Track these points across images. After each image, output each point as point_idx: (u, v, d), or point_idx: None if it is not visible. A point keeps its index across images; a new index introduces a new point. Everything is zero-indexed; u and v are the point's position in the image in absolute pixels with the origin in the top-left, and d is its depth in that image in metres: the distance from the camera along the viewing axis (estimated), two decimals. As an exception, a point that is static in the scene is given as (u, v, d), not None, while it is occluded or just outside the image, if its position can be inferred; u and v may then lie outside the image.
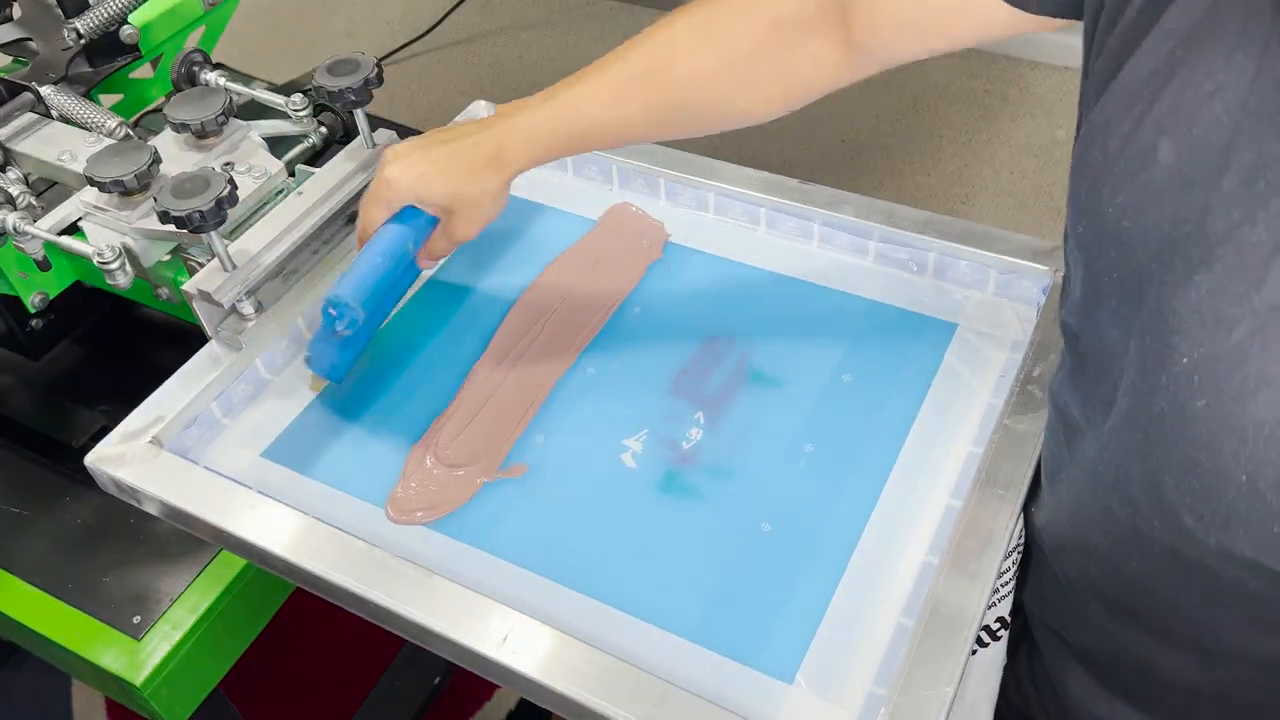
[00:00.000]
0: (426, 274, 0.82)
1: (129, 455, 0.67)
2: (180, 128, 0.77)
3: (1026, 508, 0.61)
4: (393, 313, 0.77)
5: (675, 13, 0.64)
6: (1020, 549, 0.73)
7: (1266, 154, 0.40)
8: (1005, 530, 0.59)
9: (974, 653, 0.57)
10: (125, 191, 0.71)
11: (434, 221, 0.68)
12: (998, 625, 0.66)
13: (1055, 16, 0.55)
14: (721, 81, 0.63)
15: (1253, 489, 0.40)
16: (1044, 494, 0.60)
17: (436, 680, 1.24)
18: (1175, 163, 0.42)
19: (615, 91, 0.64)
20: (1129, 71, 0.44)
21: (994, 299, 0.75)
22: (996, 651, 0.65)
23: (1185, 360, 0.41)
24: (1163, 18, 0.43)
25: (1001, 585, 0.68)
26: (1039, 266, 0.73)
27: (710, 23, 0.63)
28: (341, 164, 0.78)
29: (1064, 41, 2.20)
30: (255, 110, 0.85)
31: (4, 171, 0.78)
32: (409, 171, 0.65)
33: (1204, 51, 0.42)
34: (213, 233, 0.67)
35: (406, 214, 0.67)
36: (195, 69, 0.85)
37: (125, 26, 0.84)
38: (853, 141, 2.11)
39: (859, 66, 0.62)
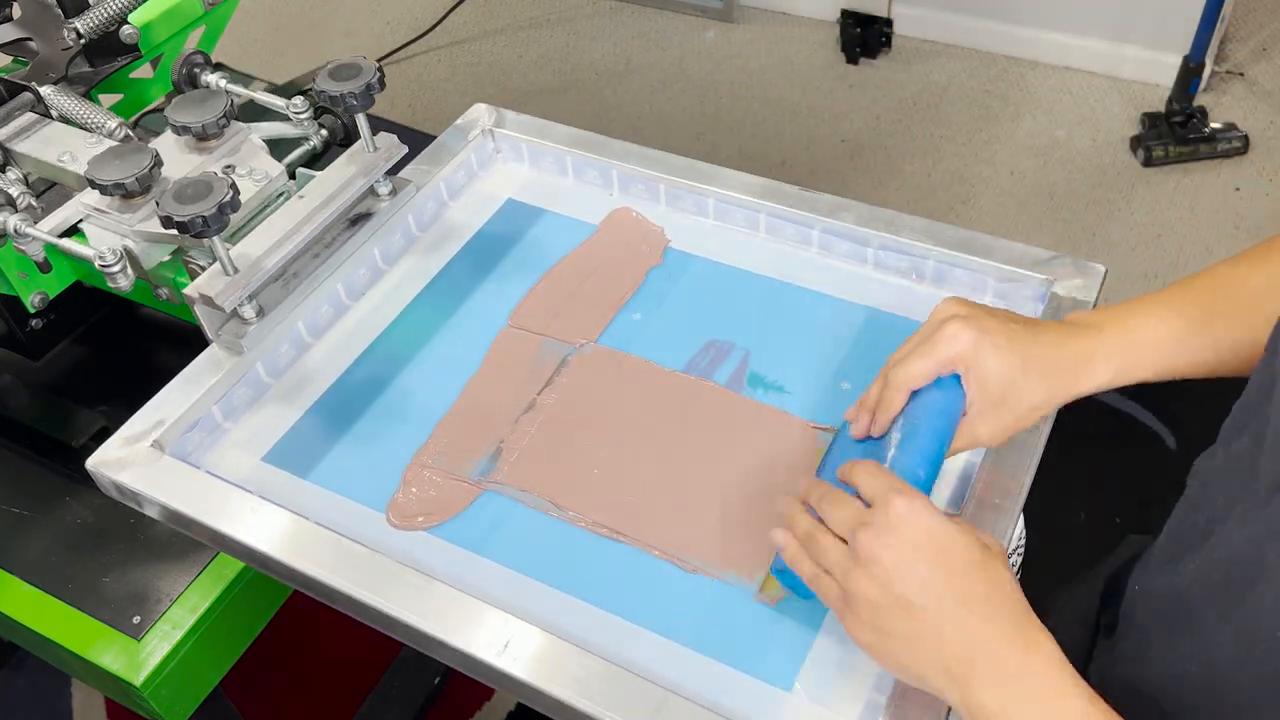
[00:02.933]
0: (428, 278, 0.82)
1: (130, 459, 0.67)
2: (181, 130, 0.77)
3: (1130, 569, 0.58)
4: None
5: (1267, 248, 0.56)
6: (1020, 551, 0.73)
7: None
8: (1003, 539, 0.59)
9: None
10: (126, 194, 0.71)
11: (961, 411, 0.57)
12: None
13: None
14: None
15: None
16: (1154, 570, 0.56)
17: (436, 681, 1.24)
18: None
19: (1209, 327, 0.56)
20: None
21: (992, 307, 0.75)
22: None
23: None
24: None
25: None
26: (1037, 275, 0.73)
27: None
28: (342, 167, 0.78)
29: (1064, 41, 2.20)
30: (255, 111, 0.85)
31: (4, 172, 0.78)
32: (977, 332, 0.56)
33: None
34: (215, 237, 0.67)
35: (947, 387, 0.57)
36: (196, 71, 0.85)
37: (125, 26, 0.84)
38: (853, 141, 2.11)
39: None
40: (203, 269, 0.73)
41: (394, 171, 0.82)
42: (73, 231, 0.75)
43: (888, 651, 0.50)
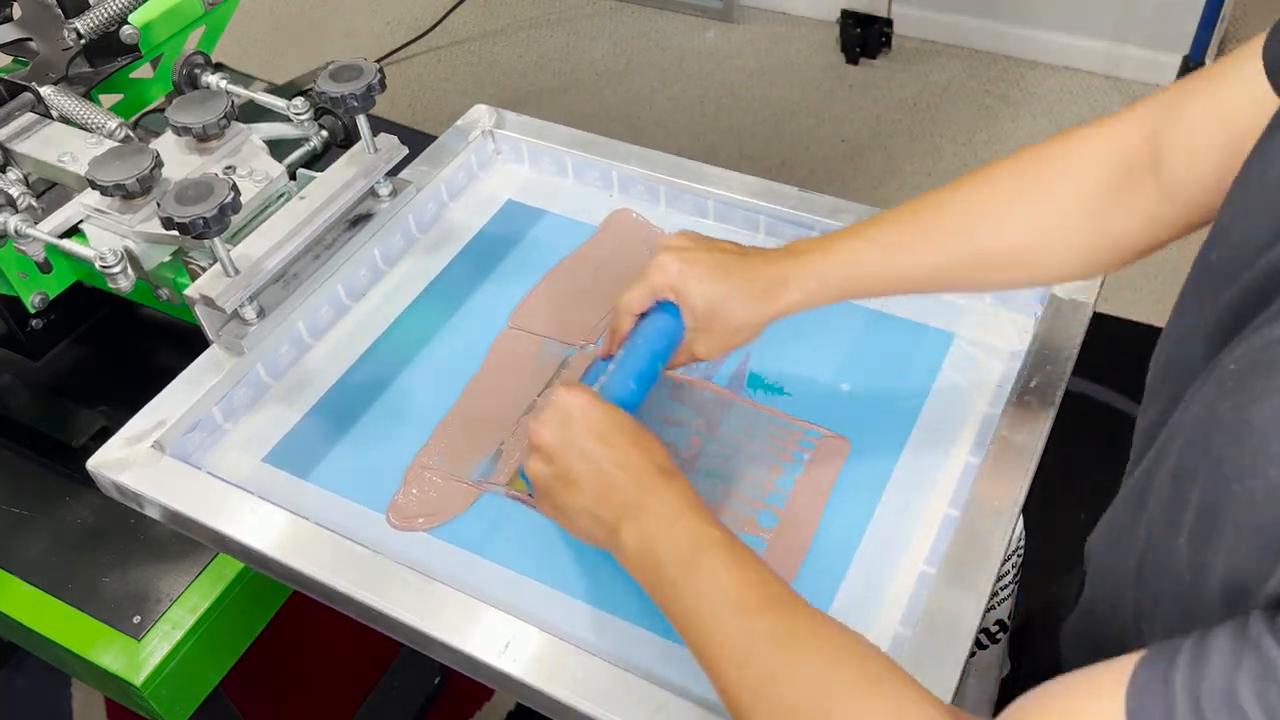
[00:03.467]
0: (428, 279, 0.82)
1: (131, 460, 0.67)
2: (182, 131, 0.77)
3: (1084, 538, 0.61)
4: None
5: (988, 167, 0.61)
6: (1020, 553, 0.73)
7: None
8: (1002, 540, 0.59)
9: (973, 655, 0.57)
10: (127, 195, 0.71)
11: (679, 332, 0.64)
12: (996, 628, 0.67)
13: None
14: (1039, 243, 0.60)
15: (1248, 498, 0.40)
16: (1101, 520, 0.60)
17: (436, 681, 1.24)
18: None
19: (919, 239, 0.61)
20: None
21: (992, 309, 0.75)
22: (995, 653, 0.65)
23: (1232, 366, 0.41)
24: None
25: (1001, 589, 0.68)
26: (1038, 275, 0.73)
27: (1027, 183, 0.60)
28: (343, 168, 0.78)
29: (1064, 41, 2.20)
30: (256, 112, 0.85)
31: (4, 172, 0.78)
32: (682, 262, 0.63)
33: None
34: (215, 238, 0.67)
35: (664, 311, 0.64)
36: (197, 71, 0.85)
37: (125, 26, 0.84)
38: (853, 141, 2.11)
39: (1177, 219, 0.58)
40: (203, 270, 0.73)
41: (394, 172, 0.82)
42: (73, 232, 0.75)
43: (566, 520, 0.58)
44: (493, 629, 0.57)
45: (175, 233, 0.67)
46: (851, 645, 0.48)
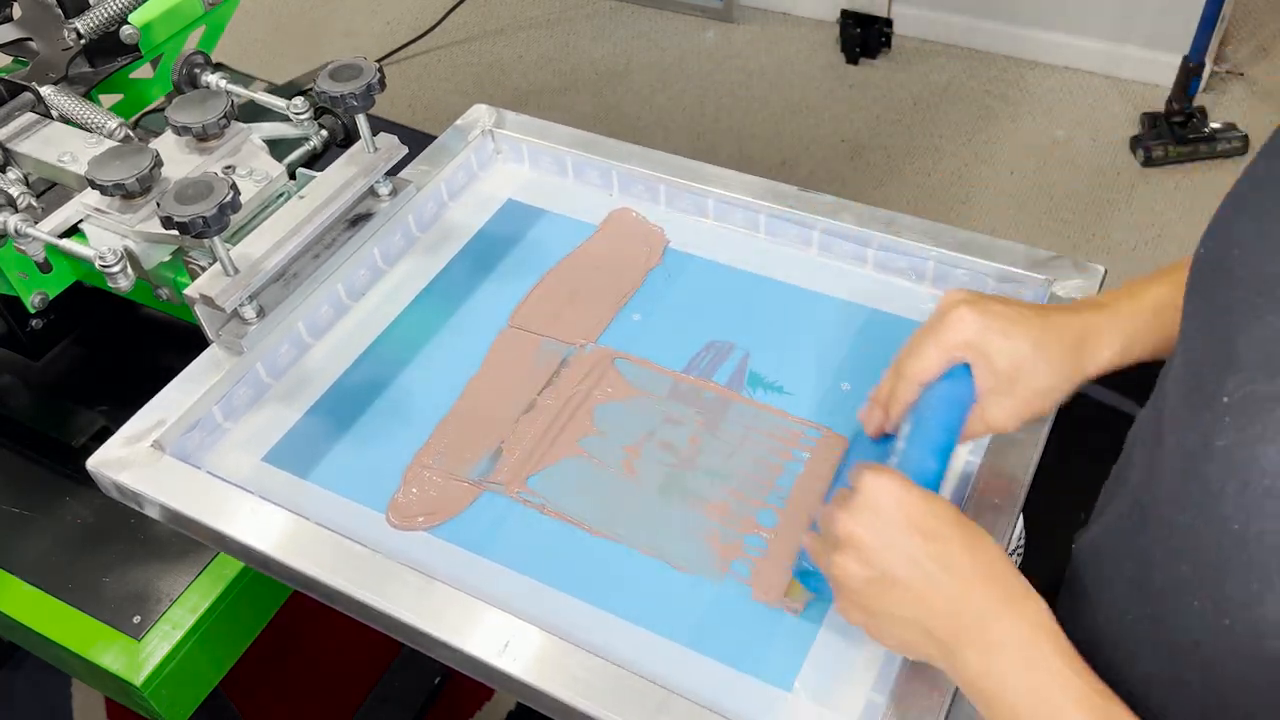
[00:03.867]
0: (428, 279, 0.82)
1: (131, 459, 0.67)
2: (182, 130, 0.77)
3: (1073, 535, 0.60)
4: None
5: None
6: (1020, 552, 0.73)
7: None
8: (1002, 539, 0.59)
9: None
10: (127, 194, 0.71)
11: (972, 399, 0.57)
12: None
13: None
14: None
15: (1241, 538, 0.40)
16: (1090, 526, 0.58)
17: (436, 681, 1.24)
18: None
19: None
20: None
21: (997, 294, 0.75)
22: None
23: (1226, 399, 0.41)
24: None
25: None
26: (1037, 276, 0.73)
27: None
28: (343, 168, 0.78)
29: (1064, 41, 2.20)
30: (255, 112, 0.85)
31: (4, 172, 0.79)
32: (980, 314, 0.56)
33: None
34: (215, 238, 0.67)
35: (956, 377, 0.57)
36: (197, 71, 0.85)
37: (125, 26, 0.84)
38: (853, 141, 2.11)
39: None
40: (203, 269, 0.73)
41: (394, 172, 0.82)
42: (73, 232, 0.75)
43: (882, 630, 0.51)
44: (493, 629, 0.57)
45: (175, 232, 0.67)
46: None
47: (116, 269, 0.71)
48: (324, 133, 0.85)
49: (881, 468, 0.51)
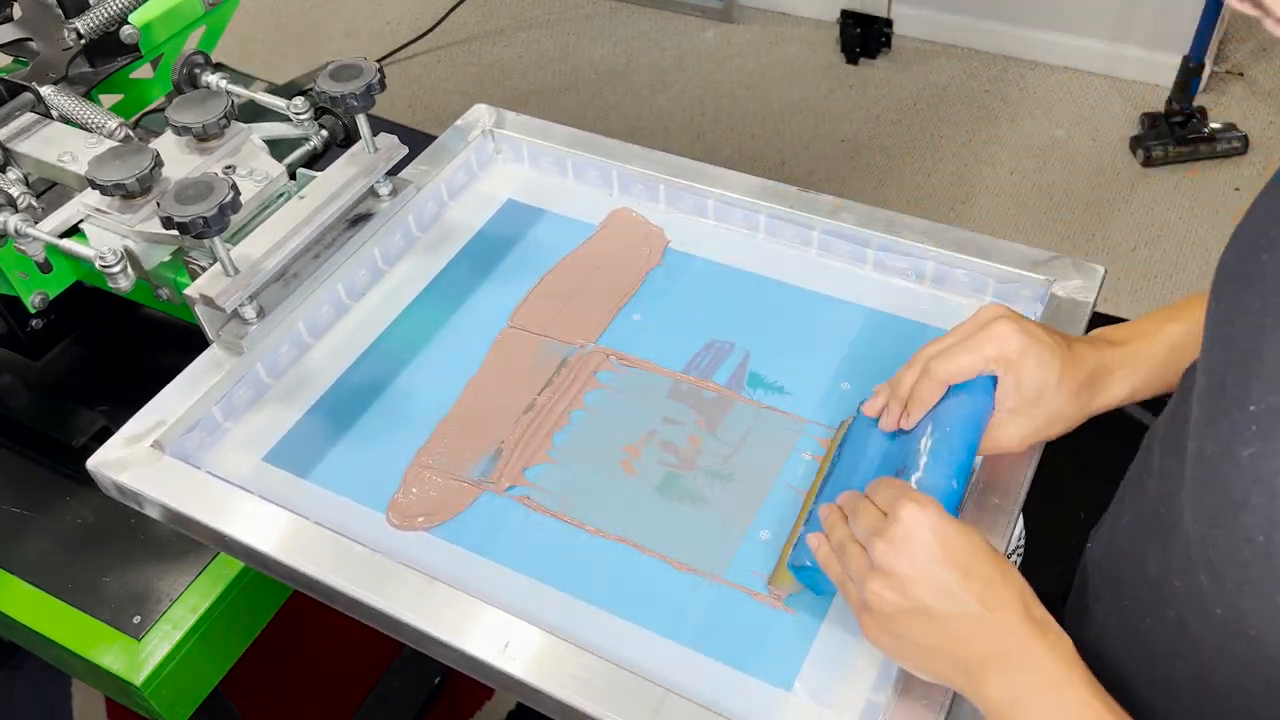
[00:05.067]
0: (428, 279, 0.82)
1: (131, 459, 0.67)
2: (182, 130, 0.77)
3: (1072, 536, 0.60)
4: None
5: None
6: (1020, 551, 0.73)
7: None
8: (1002, 539, 0.59)
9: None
10: (127, 194, 0.71)
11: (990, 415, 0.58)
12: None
13: None
14: None
15: (1268, 550, 0.39)
16: (1103, 526, 0.59)
17: (436, 681, 1.24)
18: None
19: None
20: None
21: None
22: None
23: (1252, 408, 0.41)
24: None
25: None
26: (1036, 276, 0.73)
27: None
28: (343, 168, 0.78)
29: (1064, 41, 2.20)
30: (256, 112, 0.85)
31: (4, 172, 0.79)
32: (1025, 335, 0.56)
33: None
34: (215, 238, 0.67)
35: (980, 390, 0.58)
36: (197, 71, 0.85)
37: (125, 26, 0.84)
38: (852, 141, 2.11)
39: None
40: (203, 269, 0.73)
41: (394, 172, 0.82)
42: (73, 232, 0.75)
43: (906, 655, 0.51)
44: (493, 629, 0.57)
45: (175, 232, 0.67)
46: None
47: (116, 269, 0.71)
48: (324, 133, 0.85)
49: (919, 496, 0.51)
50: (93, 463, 0.67)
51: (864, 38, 2.26)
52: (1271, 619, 0.40)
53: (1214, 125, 2.00)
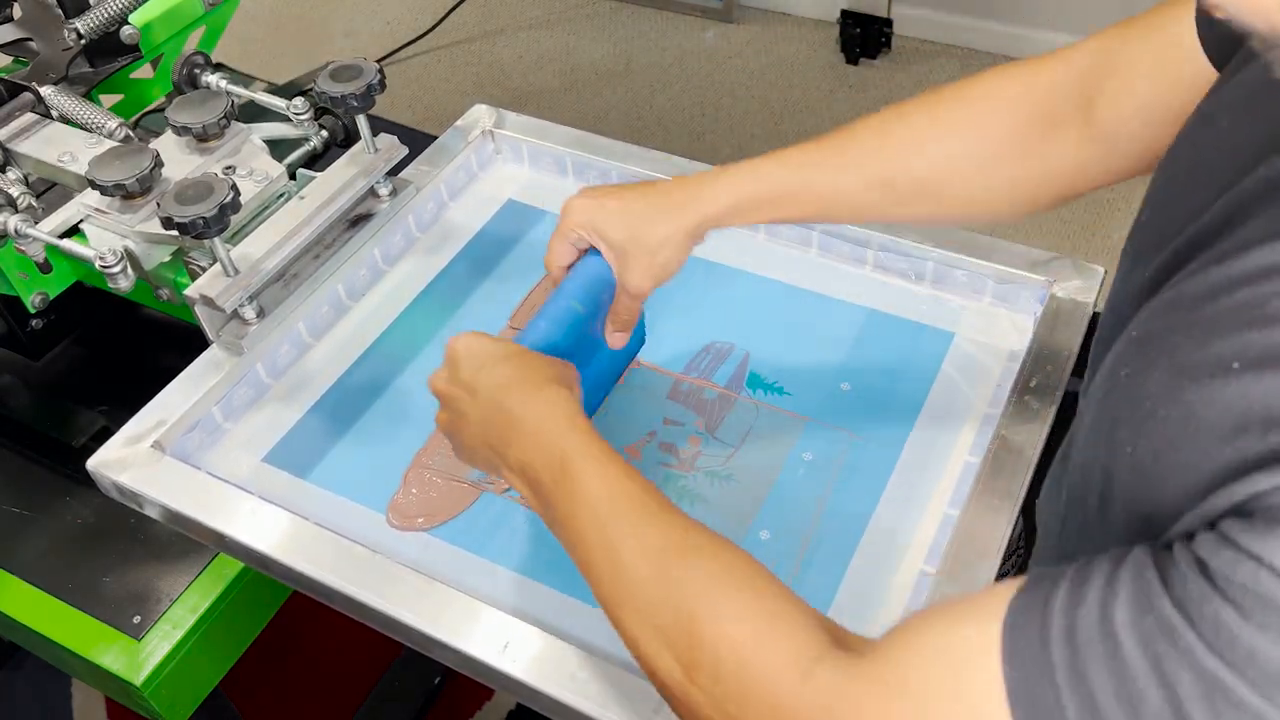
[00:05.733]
0: (428, 279, 0.82)
1: (131, 460, 0.67)
2: (182, 131, 0.77)
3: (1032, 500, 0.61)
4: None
5: (917, 98, 0.60)
6: (1020, 551, 0.73)
7: None
8: (1002, 540, 0.59)
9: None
10: (127, 195, 0.71)
11: (603, 271, 0.63)
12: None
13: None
14: (958, 173, 0.59)
15: (1135, 460, 0.40)
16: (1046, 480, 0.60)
17: (436, 680, 1.24)
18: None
19: (837, 159, 0.60)
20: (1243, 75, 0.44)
21: (991, 309, 0.75)
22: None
23: (1134, 333, 0.42)
24: None
25: (999, 590, 0.68)
26: (1036, 277, 0.73)
27: (957, 114, 0.59)
28: (343, 168, 0.78)
29: (1064, 42, 2.19)
30: (255, 112, 0.85)
31: (4, 172, 0.79)
32: (590, 201, 0.62)
33: None
34: (215, 238, 0.67)
35: (584, 259, 0.64)
36: (197, 71, 0.85)
37: (125, 27, 0.84)
38: (852, 142, 2.11)
39: (1106, 163, 0.57)
40: (203, 270, 0.73)
41: (394, 172, 0.82)
42: (73, 232, 0.75)
43: (474, 458, 0.57)
44: (493, 629, 0.57)
45: (175, 233, 0.67)
46: (725, 554, 0.46)
47: (116, 269, 0.71)
48: (324, 133, 0.85)
49: (462, 334, 0.58)
50: (93, 463, 0.67)
51: (864, 38, 2.26)
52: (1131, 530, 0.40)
53: (1214, 125, 2.00)
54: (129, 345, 0.94)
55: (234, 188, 0.67)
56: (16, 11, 0.89)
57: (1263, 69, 0.42)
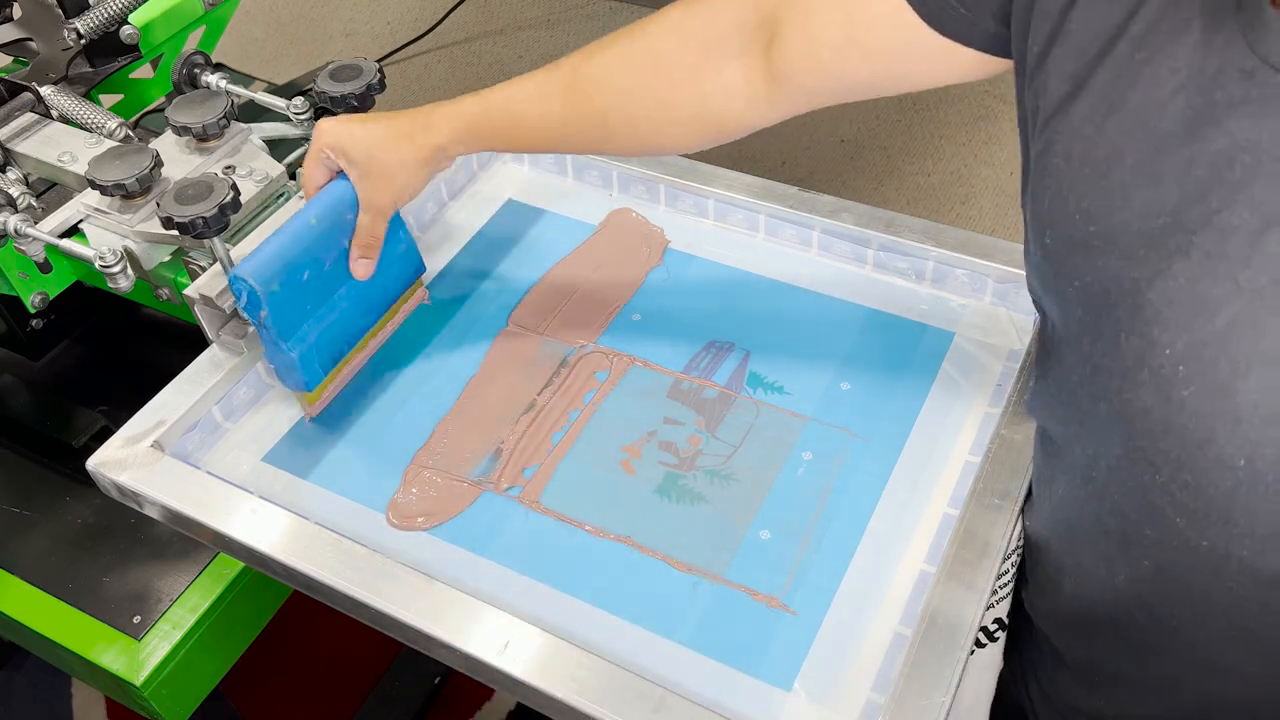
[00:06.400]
0: (428, 279, 0.82)
1: (131, 459, 0.67)
2: (182, 130, 0.77)
3: (1024, 511, 0.62)
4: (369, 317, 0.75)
5: (625, 29, 0.63)
6: (1019, 551, 0.73)
7: (1240, 139, 0.40)
8: (1002, 539, 0.59)
9: (971, 653, 0.57)
10: (127, 195, 0.71)
11: (345, 191, 0.68)
12: (995, 626, 0.67)
13: (980, 50, 0.53)
14: (639, 103, 0.62)
15: (1252, 472, 0.40)
16: (1036, 502, 0.61)
17: (436, 680, 1.24)
18: (1141, 161, 0.43)
19: (544, 89, 0.64)
20: (1092, 83, 0.45)
21: (991, 308, 0.75)
22: (994, 652, 0.65)
23: (1168, 351, 0.42)
24: (1129, 25, 0.43)
25: (1000, 587, 0.68)
26: (1037, 275, 0.73)
27: (640, 41, 0.62)
28: (343, 168, 0.78)
29: None
30: (255, 112, 0.85)
31: (4, 172, 0.79)
32: (338, 125, 0.67)
33: (1165, 50, 0.42)
34: (215, 238, 0.67)
35: (333, 182, 0.69)
36: (197, 71, 0.85)
37: (125, 26, 0.84)
38: (852, 141, 2.11)
39: (779, 102, 0.59)
40: (203, 269, 0.73)
41: (394, 172, 0.82)
42: (73, 232, 0.75)
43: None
44: (493, 629, 0.57)
45: (175, 232, 0.67)
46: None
47: (116, 269, 0.71)
48: (324, 133, 0.85)
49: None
50: (93, 463, 0.67)
51: (863, 37, 2.26)
52: (1265, 535, 0.41)
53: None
54: (129, 345, 0.94)
55: (234, 188, 0.67)
56: (16, 11, 0.89)
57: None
